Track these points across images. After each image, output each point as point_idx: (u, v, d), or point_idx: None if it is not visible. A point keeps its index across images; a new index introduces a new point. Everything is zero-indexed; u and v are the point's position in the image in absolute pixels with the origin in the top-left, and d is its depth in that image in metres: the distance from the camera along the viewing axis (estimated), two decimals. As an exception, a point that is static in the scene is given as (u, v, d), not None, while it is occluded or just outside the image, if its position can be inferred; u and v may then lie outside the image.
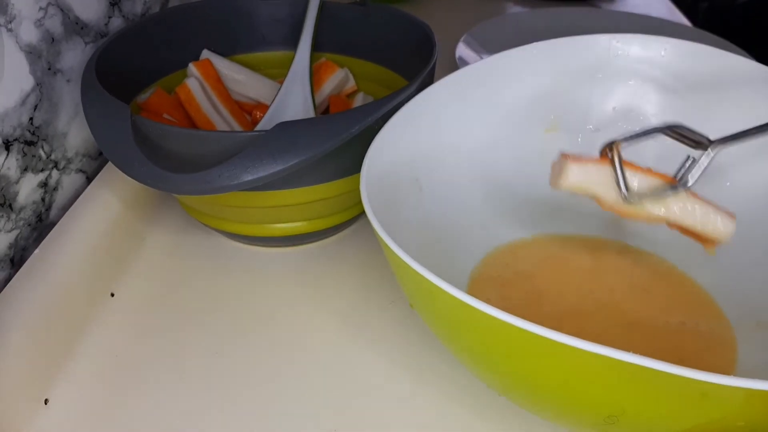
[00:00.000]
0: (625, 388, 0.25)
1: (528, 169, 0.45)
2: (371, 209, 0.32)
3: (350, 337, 0.41)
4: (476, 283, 0.41)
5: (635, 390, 0.25)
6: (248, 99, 0.56)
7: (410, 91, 0.40)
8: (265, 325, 0.42)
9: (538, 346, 0.25)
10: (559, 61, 0.45)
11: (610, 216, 0.42)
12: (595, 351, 0.23)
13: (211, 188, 0.36)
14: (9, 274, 0.41)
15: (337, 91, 0.55)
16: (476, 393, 0.37)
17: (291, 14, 0.56)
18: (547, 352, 0.25)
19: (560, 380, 0.27)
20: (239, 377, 0.38)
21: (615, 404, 0.27)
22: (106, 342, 0.41)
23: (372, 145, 0.37)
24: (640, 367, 0.23)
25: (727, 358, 0.37)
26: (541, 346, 0.25)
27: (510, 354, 0.28)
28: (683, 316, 0.39)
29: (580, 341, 0.23)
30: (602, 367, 0.24)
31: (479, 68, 0.44)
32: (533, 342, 0.25)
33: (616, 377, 0.25)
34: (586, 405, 0.28)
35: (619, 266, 0.43)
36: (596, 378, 0.26)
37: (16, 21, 0.41)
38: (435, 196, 0.41)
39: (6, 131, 0.40)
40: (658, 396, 0.25)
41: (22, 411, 0.36)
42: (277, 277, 0.45)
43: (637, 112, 0.45)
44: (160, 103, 0.50)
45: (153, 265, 0.46)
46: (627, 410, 0.26)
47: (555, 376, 0.27)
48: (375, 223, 0.31)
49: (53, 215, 0.46)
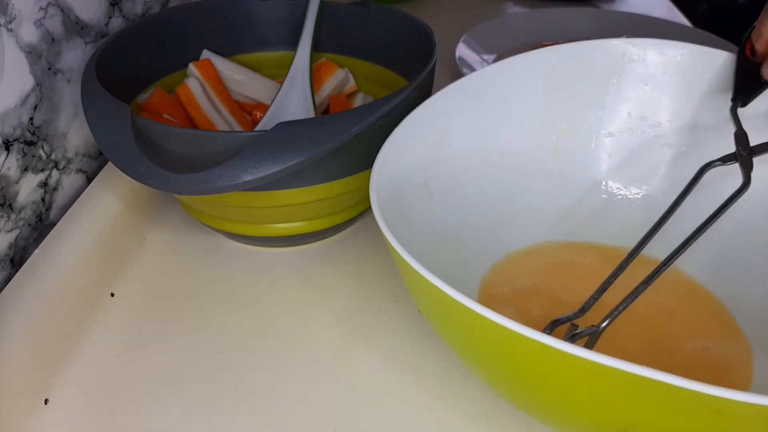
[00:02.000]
0: (639, 403, 0.25)
1: (541, 175, 0.44)
2: (381, 215, 0.31)
3: (350, 336, 0.41)
4: (487, 289, 0.41)
5: (649, 405, 0.25)
6: (248, 99, 0.56)
7: (410, 91, 0.40)
8: (265, 325, 0.42)
9: (554, 360, 0.25)
10: (573, 66, 0.44)
11: (624, 224, 0.42)
12: (611, 365, 0.23)
13: (211, 188, 0.36)
14: (9, 274, 0.41)
15: (337, 91, 0.55)
16: (476, 396, 0.37)
17: (291, 14, 0.56)
18: (564, 365, 0.25)
19: (575, 393, 0.27)
20: (239, 377, 0.38)
21: (628, 418, 0.26)
22: (107, 342, 0.41)
23: (381, 151, 0.36)
24: (655, 382, 0.22)
25: (743, 376, 0.36)
26: (558, 360, 0.25)
27: (525, 366, 0.28)
28: (707, 341, 0.38)
29: (596, 355, 0.23)
30: (617, 380, 0.24)
31: (491, 72, 0.43)
32: (550, 355, 0.25)
33: (630, 391, 0.24)
34: (599, 418, 0.28)
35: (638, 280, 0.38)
36: (611, 391, 0.25)
37: (16, 21, 0.41)
38: (446, 201, 0.41)
39: (6, 131, 0.40)
40: (672, 411, 0.25)
41: (23, 411, 0.36)
42: (277, 277, 0.45)
43: (651, 119, 0.45)
44: (160, 103, 0.50)
45: (153, 265, 0.46)
46: (639, 425, 0.26)
47: (570, 389, 0.27)
48: (385, 230, 0.30)
49: (53, 215, 0.46)
